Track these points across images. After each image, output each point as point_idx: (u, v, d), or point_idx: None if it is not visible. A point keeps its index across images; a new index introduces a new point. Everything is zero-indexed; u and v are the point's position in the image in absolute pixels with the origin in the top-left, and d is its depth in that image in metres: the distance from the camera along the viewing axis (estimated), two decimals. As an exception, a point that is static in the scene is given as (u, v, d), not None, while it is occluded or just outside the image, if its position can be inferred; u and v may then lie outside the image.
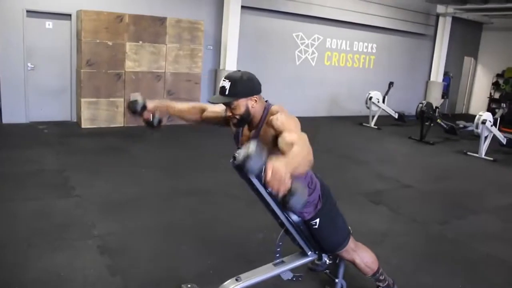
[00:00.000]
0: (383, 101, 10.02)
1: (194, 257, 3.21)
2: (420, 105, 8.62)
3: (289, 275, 2.55)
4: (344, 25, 10.32)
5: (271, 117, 2.14)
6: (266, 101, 2.27)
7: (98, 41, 6.81)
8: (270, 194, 2.31)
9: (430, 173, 6.40)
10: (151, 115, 2.48)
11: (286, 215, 2.37)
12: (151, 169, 5.22)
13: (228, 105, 2.15)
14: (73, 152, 5.76)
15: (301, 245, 2.55)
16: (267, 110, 2.21)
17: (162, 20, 7.30)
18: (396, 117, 10.13)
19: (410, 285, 2.85)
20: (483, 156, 7.48)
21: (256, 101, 2.17)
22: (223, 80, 2.14)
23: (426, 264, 3.45)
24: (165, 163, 5.55)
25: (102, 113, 7.05)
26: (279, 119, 2.09)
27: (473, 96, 13.84)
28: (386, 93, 10.30)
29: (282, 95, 9.50)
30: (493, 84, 13.16)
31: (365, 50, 11.04)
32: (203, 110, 2.58)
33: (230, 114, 2.18)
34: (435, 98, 11.88)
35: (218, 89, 2.19)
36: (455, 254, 3.69)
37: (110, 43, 6.86)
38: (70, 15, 7.04)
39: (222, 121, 2.50)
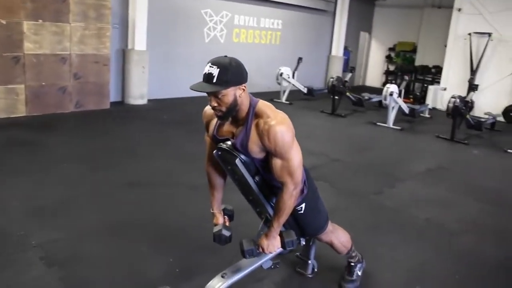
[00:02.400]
0: (293, 77, 10.24)
1: (155, 257, 2.97)
2: (331, 79, 8.94)
3: (269, 264, 2.49)
4: (251, 2, 10.26)
5: (263, 123, 1.98)
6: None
7: (-13, 19, 5.91)
8: (256, 183, 2.20)
9: (351, 145, 6.69)
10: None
11: (273, 203, 2.27)
12: (74, 163, 4.72)
13: (214, 94, 1.94)
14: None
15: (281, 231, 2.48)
16: (253, 107, 2.03)
17: (63, -4, 6.55)
18: (305, 91, 10.42)
19: (369, 259, 2.93)
20: (391, 125, 8.01)
21: (244, 90, 1.99)
22: (210, 66, 1.92)
23: (377, 236, 3.60)
24: (88, 155, 5.05)
25: (0, 102, 6.19)
26: (277, 138, 1.95)
27: (369, 69, 14.76)
28: (296, 69, 10.54)
29: (191, 73, 9.15)
30: (386, 57, 14.14)
31: (271, 27, 11.11)
32: (210, 155, 2.35)
33: (216, 105, 1.96)
34: (337, 72, 12.43)
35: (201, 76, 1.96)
36: (399, 222, 3.91)
37: (3, 21, 5.98)
38: None
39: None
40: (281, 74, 9.76)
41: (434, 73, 11.70)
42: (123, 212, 3.65)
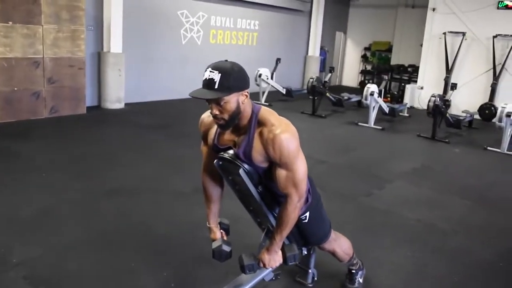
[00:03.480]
0: (272, 78, 10.17)
1: (147, 271, 2.82)
2: (311, 80, 8.89)
3: (271, 275, 2.39)
4: (228, 2, 10.14)
5: (268, 132, 1.86)
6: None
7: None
8: (259, 193, 2.09)
9: (335, 146, 6.65)
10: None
11: (276, 214, 2.17)
12: (52, 172, 4.50)
13: (216, 101, 1.81)
14: None
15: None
16: (255, 114, 1.91)
17: (34, -3, 6.27)
18: (284, 92, 10.36)
19: (366, 263, 2.85)
20: (372, 125, 8.03)
21: (246, 96, 1.87)
22: (210, 71, 1.77)
23: (372, 238, 3.54)
24: (67, 163, 4.83)
25: (-31, 109, 5.88)
26: (282, 148, 1.84)
27: (345, 69, 14.84)
28: (274, 70, 10.48)
29: (169, 76, 9.08)
30: (362, 57, 14.24)
31: (248, 27, 11.02)
32: (207, 166, 2.23)
33: (217, 113, 1.83)
34: (314, 72, 12.44)
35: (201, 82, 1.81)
36: (391, 224, 3.86)
37: (-30, 24, 5.70)
38: None
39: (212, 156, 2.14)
40: (259, 76, 9.68)
41: (410, 72, 11.83)
42: (108, 222, 3.47)
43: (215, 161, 2.04)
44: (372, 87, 7.96)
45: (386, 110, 8.51)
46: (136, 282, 2.71)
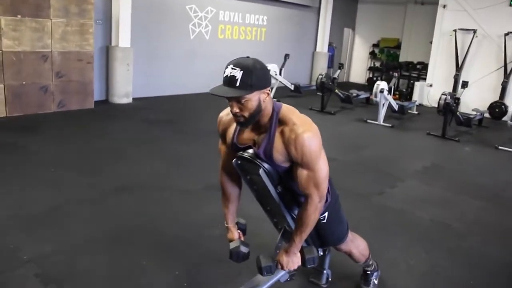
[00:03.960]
0: (280, 73, 10.09)
1: (158, 270, 2.78)
2: (320, 76, 8.82)
3: (286, 276, 2.34)
4: (236, -3, 10.07)
5: (289, 131, 1.81)
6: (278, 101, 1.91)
7: (-38, 15, 5.57)
8: (278, 194, 2.03)
9: (345, 144, 6.58)
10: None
11: (294, 214, 2.12)
12: (61, 167, 4.46)
13: (237, 99, 1.74)
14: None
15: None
16: (276, 113, 1.85)
17: (43, -10, 6.23)
18: (292, 88, 10.29)
19: (381, 263, 2.80)
20: (381, 123, 7.95)
21: (268, 94, 1.80)
22: (232, 68, 1.70)
23: (386, 238, 3.48)
24: (75, 158, 4.80)
25: (-23, 103, 5.86)
26: (304, 147, 1.79)
27: (353, 65, 14.73)
28: (283, 66, 10.40)
29: (177, 71, 9.03)
30: (370, 53, 14.12)
31: (256, 23, 10.93)
32: (225, 165, 2.16)
33: (238, 110, 1.77)
34: (322, 68, 12.36)
35: (221, 79, 1.75)
36: (405, 223, 3.81)
37: (-21, 17, 5.66)
38: None
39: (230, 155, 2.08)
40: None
41: (419, 70, 11.71)
42: (116, 220, 3.43)
43: (234, 160, 1.98)
44: (382, 84, 7.87)
45: (396, 107, 8.42)
46: (148, 280, 2.67)
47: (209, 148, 5.62)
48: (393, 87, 8.82)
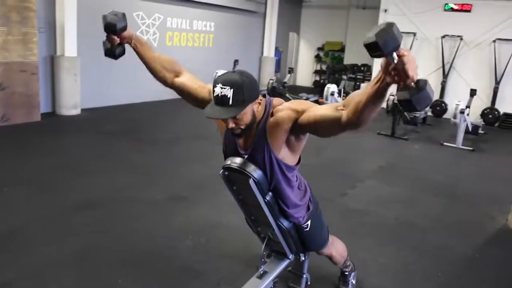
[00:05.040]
0: (230, 79, 10.09)
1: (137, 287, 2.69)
2: (271, 81, 8.94)
3: (270, 284, 2.35)
4: (183, 3, 9.96)
5: (277, 109, 1.85)
6: (264, 95, 1.90)
7: None
8: (267, 203, 2.03)
9: (306, 147, 6.67)
10: (120, 41, 2.03)
11: (280, 223, 2.12)
12: (13, 186, 4.19)
13: (233, 117, 1.74)
14: None
15: (283, 250, 2.34)
16: (269, 105, 1.88)
17: (-20, -2, 5.86)
18: (243, 94, 10.30)
19: (354, 264, 2.88)
20: (333, 124, 8.14)
21: (260, 103, 1.82)
22: (222, 87, 1.69)
23: (354, 239, 3.54)
24: (28, 176, 4.52)
25: None
26: (291, 104, 1.83)
27: (299, 69, 15.03)
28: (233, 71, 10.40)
29: (126, 79, 8.79)
30: (315, 57, 14.48)
31: (204, 29, 10.88)
32: (178, 73, 2.09)
33: (234, 126, 1.77)
34: (269, 73, 12.50)
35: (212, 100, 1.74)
36: (372, 224, 3.92)
37: None
38: None
39: (196, 102, 2.05)
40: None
41: (364, 71, 12.15)
42: (82, 239, 3.28)
43: (221, 172, 1.96)
44: (332, 87, 8.09)
45: (346, 109, 8.67)
46: (126, 300, 2.57)
47: (170, 157, 5.56)
48: (342, 89, 9.07)
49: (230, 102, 1.68)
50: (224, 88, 1.68)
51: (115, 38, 2.01)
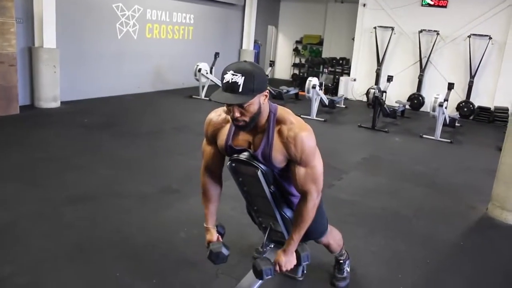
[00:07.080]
0: (211, 72, 10.07)
1: (134, 281, 2.69)
2: (253, 74, 8.92)
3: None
4: (163, -5, 9.88)
5: (288, 130, 1.87)
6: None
7: None
8: (272, 193, 2.07)
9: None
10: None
11: (283, 212, 2.17)
12: (0, 181, 4.11)
13: (239, 104, 1.76)
14: None
15: (284, 239, 2.39)
16: (273, 114, 1.90)
17: (-46, -13, 5.66)
18: (224, 87, 10.28)
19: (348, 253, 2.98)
20: (314, 117, 8.26)
21: (266, 96, 1.85)
22: (233, 74, 1.71)
23: (344, 229, 3.57)
24: (14, 170, 4.41)
25: None
26: (304, 145, 1.86)
27: (277, 62, 15.07)
28: (213, 64, 10.36)
29: (106, 72, 8.68)
30: (293, 50, 14.55)
31: (183, 21, 10.80)
32: (208, 165, 2.14)
33: (239, 115, 1.79)
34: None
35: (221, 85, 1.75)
36: (360, 214, 4.02)
37: None
38: None
39: (220, 153, 2.09)
40: (199, 70, 9.54)
41: (342, 65, 12.30)
42: (77, 232, 3.25)
43: (228, 163, 1.99)
44: (313, 80, 8.17)
45: (326, 102, 8.79)
46: (127, 292, 2.58)
47: (155, 150, 5.53)
48: (323, 82, 9.17)
49: (240, 89, 1.70)
50: (236, 75, 1.70)
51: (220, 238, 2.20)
